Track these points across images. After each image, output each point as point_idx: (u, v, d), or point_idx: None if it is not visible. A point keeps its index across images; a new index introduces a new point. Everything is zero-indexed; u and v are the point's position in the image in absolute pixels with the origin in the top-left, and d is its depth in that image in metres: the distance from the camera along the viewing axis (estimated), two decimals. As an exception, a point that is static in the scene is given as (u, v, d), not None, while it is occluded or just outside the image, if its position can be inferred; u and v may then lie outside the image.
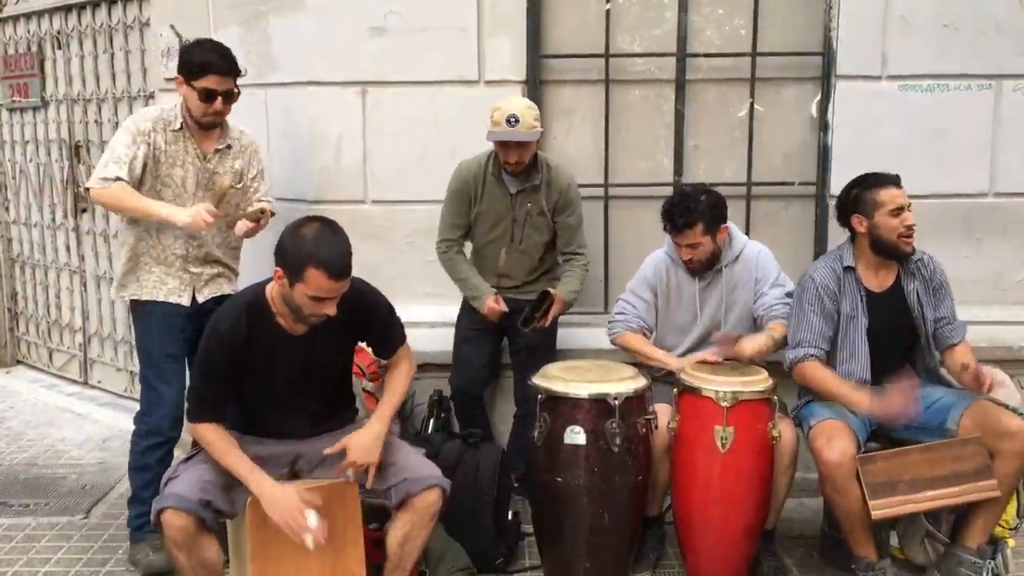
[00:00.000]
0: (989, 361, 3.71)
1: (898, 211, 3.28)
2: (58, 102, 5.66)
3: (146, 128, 3.37)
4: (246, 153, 3.59)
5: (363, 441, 2.81)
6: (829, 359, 3.36)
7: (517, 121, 3.54)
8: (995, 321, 4.06)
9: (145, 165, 3.36)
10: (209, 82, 3.34)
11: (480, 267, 3.90)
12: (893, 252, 3.32)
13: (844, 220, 3.41)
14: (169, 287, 3.48)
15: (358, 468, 2.79)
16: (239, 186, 3.55)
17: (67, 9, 5.43)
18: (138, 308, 3.52)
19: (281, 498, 2.67)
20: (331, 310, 2.68)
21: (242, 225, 3.46)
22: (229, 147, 3.52)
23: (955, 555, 3.26)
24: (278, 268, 2.68)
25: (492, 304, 3.76)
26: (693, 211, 3.44)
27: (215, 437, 2.77)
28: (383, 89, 4.14)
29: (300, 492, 2.70)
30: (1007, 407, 3.33)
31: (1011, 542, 3.44)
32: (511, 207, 3.77)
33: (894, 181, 3.32)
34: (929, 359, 3.44)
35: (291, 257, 2.63)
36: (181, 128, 3.42)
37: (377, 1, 4.06)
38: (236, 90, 3.44)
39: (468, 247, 3.96)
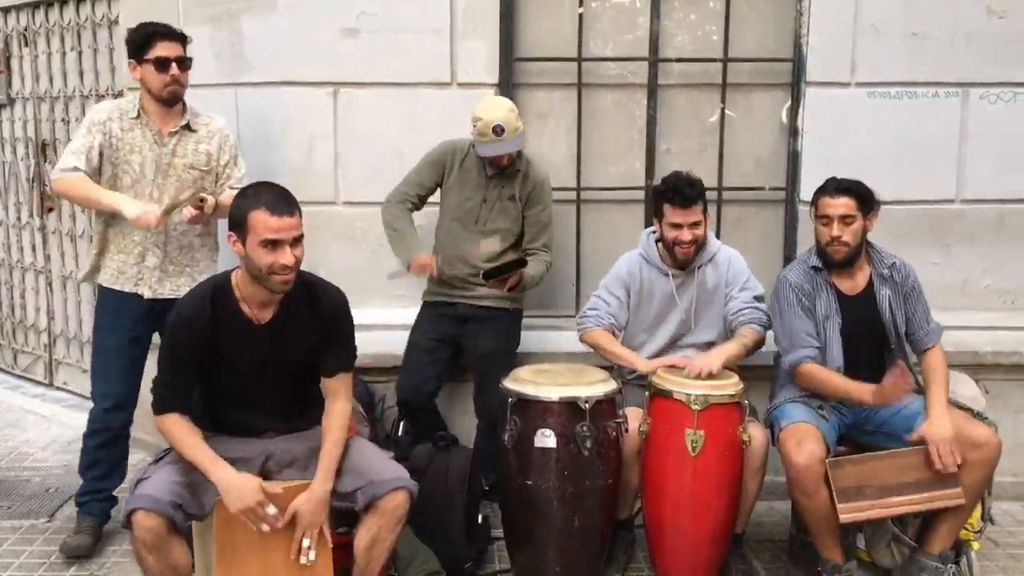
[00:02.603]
0: (956, 365, 3.75)
1: (826, 220, 3.32)
2: (24, 100, 5.58)
3: (101, 118, 3.46)
4: (215, 138, 3.63)
5: (310, 505, 2.76)
6: None
7: (503, 130, 3.53)
8: (962, 326, 4.10)
9: (102, 154, 3.43)
10: (159, 50, 3.43)
11: (438, 250, 3.82)
12: (825, 259, 3.37)
13: None
14: (126, 276, 3.55)
15: (312, 532, 2.75)
16: (206, 168, 3.60)
17: (35, 6, 5.36)
18: (99, 294, 3.63)
19: (241, 487, 2.65)
20: (287, 259, 2.66)
21: (187, 212, 3.44)
22: (191, 129, 3.56)
23: (917, 561, 3.29)
24: (230, 233, 2.71)
25: (425, 258, 3.66)
26: (697, 184, 3.46)
27: (179, 430, 2.75)
28: (355, 90, 4.11)
29: (261, 483, 2.68)
30: (972, 411, 3.37)
31: (976, 545, 3.48)
32: (484, 187, 3.74)
33: (833, 189, 3.33)
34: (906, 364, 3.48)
35: (235, 213, 2.69)
36: (139, 116, 3.50)
37: (350, 2, 4.04)
38: (189, 57, 3.53)
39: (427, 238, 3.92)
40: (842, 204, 3.30)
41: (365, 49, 4.07)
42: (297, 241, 2.70)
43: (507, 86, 4.08)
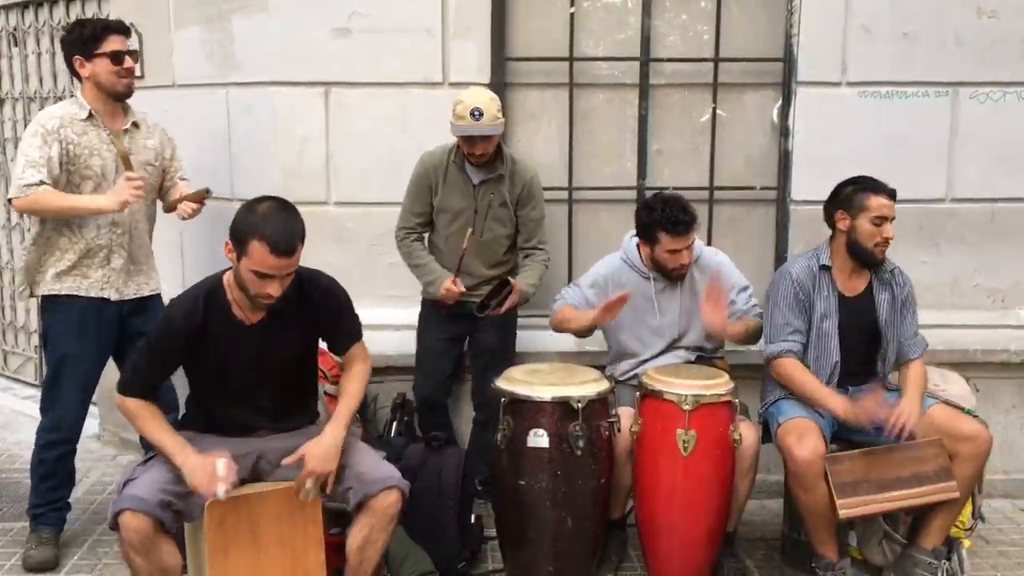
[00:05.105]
0: (946, 364, 3.78)
1: (880, 220, 3.32)
2: (14, 100, 5.55)
3: (54, 126, 3.36)
4: (156, 133, 3.65)
5: (320, 449, 2.77)
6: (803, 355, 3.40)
7: (481, 114, 3.52)
8: (952, 325, 4.13)
9: (61, 163, 3.35)
10: (112, 43, 3.41)
11: (439, 263, 3.85)
12: (865, 258, 3.36)
13: (829, 215, 3.44)
14: (91, 280, 3.48)
15: (316, 477, 2.75)
16: (156, 163, 3.61)
17: (24, 5, 5.34)
18: (57, 303, 3.48)
19: (200, 465, 2.65)
20: (275, 290, 2.67)
21: (187, 207, 3.50)
22: (136, 125, 3.56)
23: (911, 556, 3.31)
24: (228, 241, 2.69)
25: (449, 285, 3.69)
26: (688, 207, 3.46)
27: (142, 410, 2.77)
28: (347, 90, 4.11)
29: (222, 454, 2.67)
30: (963, 409, 3.40)
31: (967, 542, 3.50)
32: (473, 198, 3.74)
33: (888, 192, 3.35)
34: (891, 367, 3.49)
35: (239, 228, 2.65)
36: (89, 116, 3.43)
37: (341, 2, 4.03)
38: (136, 50, 3.55)
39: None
40: (892, 206, 3.34)
41: (357, 49, 4.07)
42: (290, 274, 2.70)
43: (499, 86, 4.08)
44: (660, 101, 4.23)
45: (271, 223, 2.63)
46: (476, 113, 3.52)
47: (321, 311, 2.91)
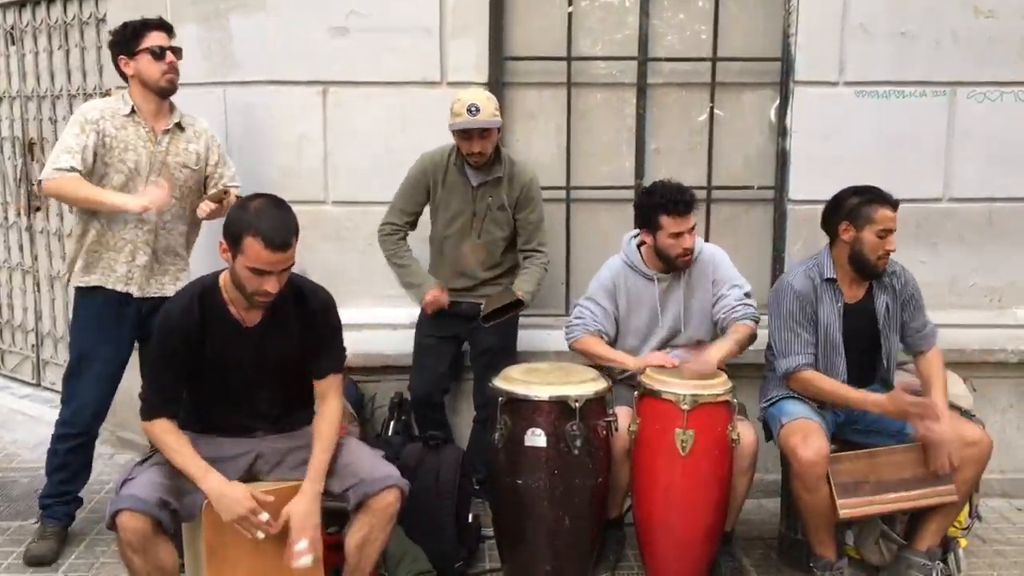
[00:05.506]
0: (944, 363, 3.77)
1: (885, 233, 3.31)
2: (11, 99, 5.55)
3: (94, 117, 3.43)
4: (202, 139, 3.65)
5: (301, 507, 2.73)
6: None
7: (478, 110, 3.53)
8: (950, 324, 4.12)
9: (96, 153, 3.40)
10: (153, 39, 3.45)
11: (438, 263, 3.87)
12: (867, 269, 3.36)
13: (831, 224, 3.41)
14: (117, 275, 3.51)
15: (309, 538, 2.71)
16: (196, 167, 3.61)
17: (22, 4, 5.33)
18: (82, 296, 3.55)
19: (233, 497, 2.65)
20: (272, 287, 2.66)
21: (205, 207, 3.49)
22: (181, 128, 3.58)
23: (905, 559, 3.32)
24: (222, 240, 2.69)
25: (436, 294, 3.72)
26: (687, 189, 3.47)
27: (168, 436, 2.74)
28: (344, 89, 4.11)
29: (253, 492, 2.68)
30: (960, 410, 3.40)
31: (963, 542, 3.51)
32: (472, 200, 3.75)
33: (892, 204, 3.33)
34: (890, 370, 3.50)
35: (232, 227, 2.65)
36: (132, 113, 3.48)
37: (339, 1, 4.03)
38: (179, 47, 3.55)
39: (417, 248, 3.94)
40: (895, 217, 3.32)
41: (355, 48, 4.06)
42: (285, 270, 2.70)
43: (497, 85, 4.08)
44: (658, 100, 4.23)
45: (264, 219, 2.63)
46: (473, 108, 3.53)
47: (317, 317, 2.90)
